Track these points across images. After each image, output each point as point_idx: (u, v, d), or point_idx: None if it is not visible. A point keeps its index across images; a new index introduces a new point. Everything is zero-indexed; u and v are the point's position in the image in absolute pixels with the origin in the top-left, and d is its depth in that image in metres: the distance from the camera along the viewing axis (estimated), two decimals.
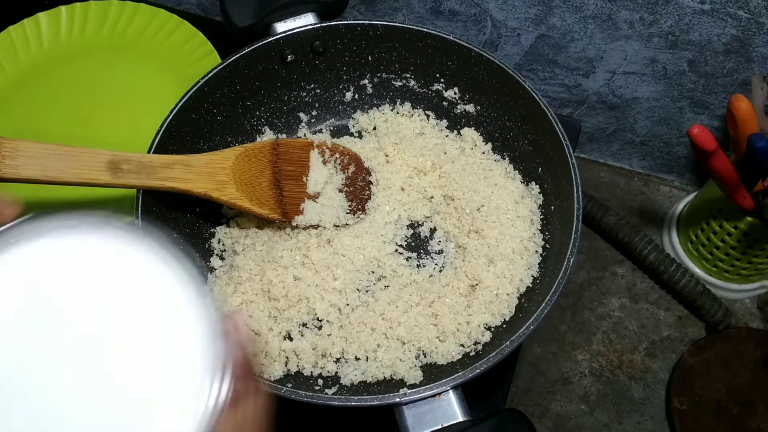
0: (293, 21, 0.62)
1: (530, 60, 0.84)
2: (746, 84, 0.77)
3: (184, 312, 0.27)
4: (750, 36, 0.72)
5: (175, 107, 0.56)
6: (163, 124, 0.55)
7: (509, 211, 0.60)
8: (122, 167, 0.51)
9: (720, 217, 0.81)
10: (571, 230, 0.53)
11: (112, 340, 0.27)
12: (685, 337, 0.87)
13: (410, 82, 0.66)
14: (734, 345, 0.84)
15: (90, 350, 0.27)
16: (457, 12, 0.80)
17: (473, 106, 0.65)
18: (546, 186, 0.60)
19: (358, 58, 0.64)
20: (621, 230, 0.88)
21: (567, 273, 0.51)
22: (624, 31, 0.76)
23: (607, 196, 0.96)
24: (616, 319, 0.89)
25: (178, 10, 0.77)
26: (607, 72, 0.83)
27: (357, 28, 0.62)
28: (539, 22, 0.78)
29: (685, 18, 0.72)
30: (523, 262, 0.58)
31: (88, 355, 0.27)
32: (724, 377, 0.82)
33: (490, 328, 0.56)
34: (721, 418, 0.80)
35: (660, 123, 0.88)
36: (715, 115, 0.84)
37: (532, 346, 0.86)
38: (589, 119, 0.91)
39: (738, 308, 0.89)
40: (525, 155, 0.62)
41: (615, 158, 0.98)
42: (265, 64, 0.61)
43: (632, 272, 0.91)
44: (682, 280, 0.85)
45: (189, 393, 0.26)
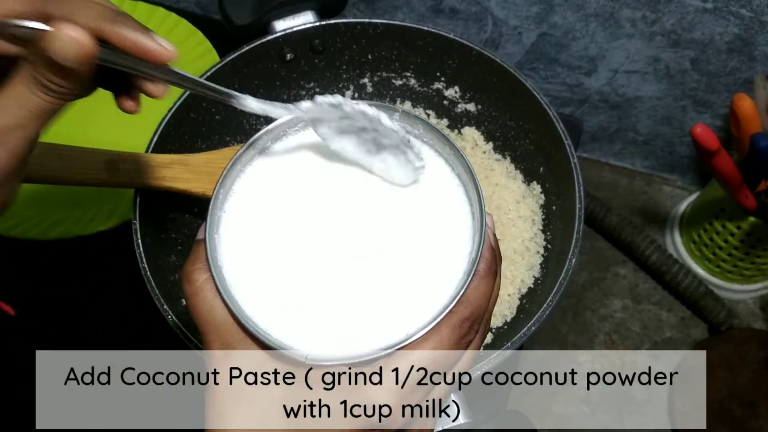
0: (292, 19, 0.61)
1: (531, 59, 0.84)
2: (749, 83, 0.77)
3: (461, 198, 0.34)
4: (753, 35, 0.71)
5: (173, 106, 0.56)
6: (162, 124, 0.55)
7: (510, 211, 0.60)
8: (120, 167, 0.50)
9: (723, 217, 0.81)
10: (572, 230, 0.52)
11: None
12: (688, 338, 0.87)
13: (410, 80, 0.65)
14: (737, 346, 0.83)
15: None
16: (457, 10, 0.80)
17: (474, 105, 0.64)
18: (547, 186, 0.60)
19: (357, 57, 0.64)
20: (623, 230, 0.87)
21: (569, 273, 0.50)
22: (626, 29, 0.76)
23: (609, 196, 0.96)
24: (619, 320, 0.88)
25: (177, 8, 0.76)
26: (609, 71, 0.82)
27: (357, 26, 0.61)
28: (541, 20, 0.78)
29: (687, 16, 0.72)
30: (524, 262, 0.57)
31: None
32: (727, 378, 0.82)
33: (491, 329, 0.55)
34: (723, 420, 0.80)
35: (662, 122, 0.88)
36: (717, 114, 0.83)
37: (533, 347, 0.86)
38: (591, 118, 0.91)
39: (741, 309, 0.89)
40: (526, 155, 0.62)
41: (617, 158, 0.97)
42: (264, 62, 0.60)
43: (634, 273, 0.91)
44: (684, 281, 0.84)
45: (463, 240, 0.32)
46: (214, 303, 0.30)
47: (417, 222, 0.33)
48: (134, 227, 0.51)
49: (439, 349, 0.29)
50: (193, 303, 0.30)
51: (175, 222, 0.58)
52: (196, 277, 0.30)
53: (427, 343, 0.29)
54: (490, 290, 0.31)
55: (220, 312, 0.30)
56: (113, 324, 0.66)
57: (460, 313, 0.29)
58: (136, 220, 0.51)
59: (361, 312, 0.30)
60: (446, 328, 0.29)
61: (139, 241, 0.50)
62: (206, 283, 0.30)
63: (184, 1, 0.89)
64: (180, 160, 0.52)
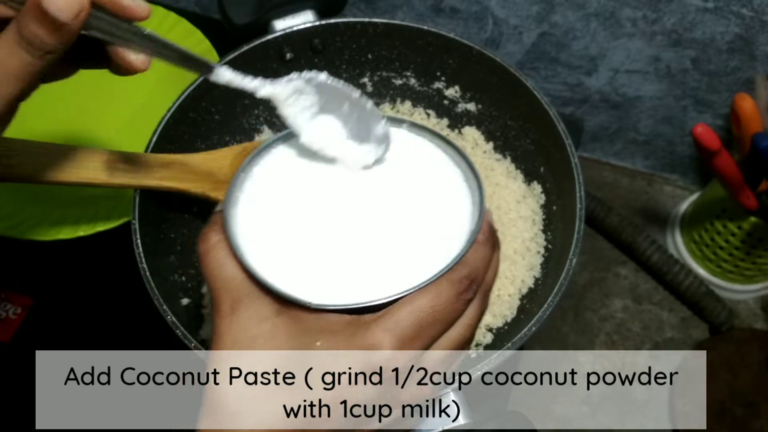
0: (292, 18, 0.61)
1: (532, 58, 0.84)
2: (750, 83, 0.76)
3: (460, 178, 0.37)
4: (754, 34, 0.71)
5: (172, 106, 0.55)
6: (161, 123, 0.55)
7: (511, 211, 0.60)
8: (119, 167, 0.50)
9: (724, 217, 0.80)
10: (573, 230, 0.52)
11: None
12: (689, 339, 0.87)
13: (411, 80, 0.65)
14: (738, 346, 0.83)
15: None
16: (458, 10, 0.80)
17: (474, 104, 0.64)
18: (548, 185, 0.60)
19: (357, 56, 0.64)
20: (624, 230, 0.87)
21: (569, 274, 0.50)
22: (627, 29, 0.76)
23: (610, 195, 0.96)
24: (619, 320, 0.88)
25: (176, 7, 0.76)
26: (610, 70, 0.82)
27: (357, 25, 0.61)
28: (541, 19, 0.78)
29: (688, 16, 0.72)
30: (524, 262, 0.57)
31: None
32: (728, 379, 0.81)
33: (492, 329, 0.55)
34: (724, 420, 0.80)
35: (663, 122, 0.88)
36: (718, 114, 0.83)
37: (533, 348, 0.86)
38: (592, 118, 0.91)
39: (741, 309, 0.88)
40: (527, 154, 0.62)
41: (618, 157, 0.97)
42: (264, 62, 0.60)
43: (635, 273, 0.91)
44: (685, 282, 0.84)
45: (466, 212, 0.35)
46: (225, 261, 0.31)
47: (422, 201, 0.36)
48: (133, 227, 0.51)
49: (438, 300, 0.30)
50: (205, 261, 0.32)
51: (175, 222, 0.58)
52: (210, 237, 0.32)
53: (427, 293, 0.30)
54: (488, 257, 0.33)
55: (230, 268, 0.31)
56: (113, 324, 0.66)
57: (459, 271, 0.31)
58: (135, 220, 0.51)
59: (364, 271, 0.33)
60: (446, 282, 0.31)
61: (139, 241, 0.50)
62: (219, 243, 0.31)
63: (183, 1, 0.89)
64: (179, 160, 0.52)
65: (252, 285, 0.31)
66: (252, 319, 0.30)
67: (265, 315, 0.30)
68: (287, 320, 0.30)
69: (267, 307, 0.30)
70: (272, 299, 0.31)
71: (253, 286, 0.31)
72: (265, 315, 0.30)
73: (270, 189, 0.36)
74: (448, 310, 0.31)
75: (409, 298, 0.30)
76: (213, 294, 0.31)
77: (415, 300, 0.30)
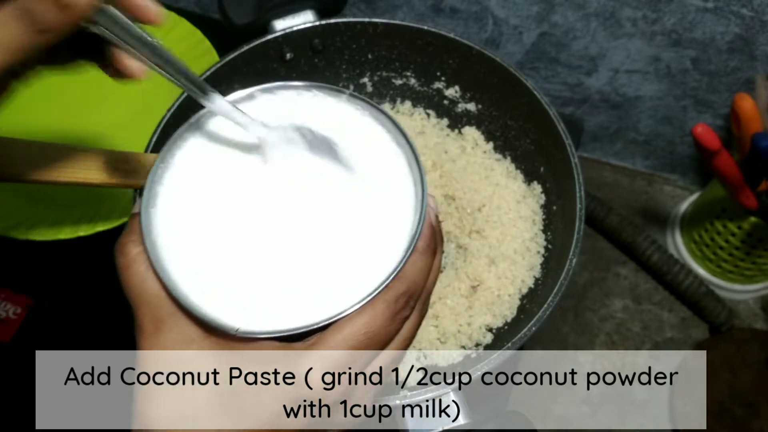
0: (292, 18, 0.61)
1: (532, 58, 0.84)
2: (750, 83, 0.76)
3: (404, 166, 0.34)
4: (754, 34, 0.71)
5: (172, 106, 0.55)
6: (161, 123, 0.55)
7: (511, 211, 0.60)
8: (119, 167, 0.50)
9: (724, 217, 0.80)
10: (573, 230, 0.52)
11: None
12: (689, 339, 0.87)
13: (411, 80, 0.65)
14: (738, 346, 0.83)
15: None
16: (458, 9, 0.80)
17: (474, 104, 0.64)
18: (548, 185, 0.60)
19: (357, 57, 0.63)
20: (624, 230, 0.87)
21: (569, 274, 0.50)
22: (627, 28, 0.76)
23: (610, 195, 0.96)
24: (619, 320, 0.88)
25: (176, 7, 0.76)
26: (610, 70, 0.82)
27: (357, 25, 0.61)
28: (541, 19, 0.78)
29: (688, 16, 0.72)
30: (524, 262, 0.57)
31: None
32: (728, 379, 0.81)
33: (492, 329, 0.55)
34: (724, 420, 0.80)
35: (663, 122, 0.88)
36: (718, 114, 0.83)
37: (533, 348, 0.86)
38: (592, 118, 0.91)
39: (741, 309, 0.88)
40: (527, 154, 0.62)
41: (618, 157, 0.97)
42: (264, 62, 0.60)
43: (635, 273, 0.91)
44: (685, 282, 0.84)
45: (406, 218, 0.32)
46: (146, 276, 0.29)
47: (358, 202, 0.33)
48: None
49: (373, 324, 0.29)
50: (125, 276, 0.30)
51: None
52: (129, 249, 0.30)
53: (361, 317, 0.29)
54: (428, 267, 0.31)
55: (151, 285, 0.29)
56: (113, 324, 0.66)
57: (396, 288, 0.29)
58: None
59: (295, 288, 0.30)
60: (381, 303, 0.29)
61: None
62: (139, 256, 0.30)
63: (183, 1, 0.89)
64: None
65: (174, 306, 0.29)
66: (176, 341, 0.29)
67: (190, 337, 0.29)
68: (213, 344, 0.29)
69: (192, 329, 0.29)
70: (196, 322, 0.29)
71: (175, 307, 0.29)
72: (191, 337, 0.29)
73: (191, 185, 0.33)
74: (382, 333, 0.29)
75: (342, 323, 0.29)
76: (135, 312, 0.30)
77: (348, 326, 0.28)
